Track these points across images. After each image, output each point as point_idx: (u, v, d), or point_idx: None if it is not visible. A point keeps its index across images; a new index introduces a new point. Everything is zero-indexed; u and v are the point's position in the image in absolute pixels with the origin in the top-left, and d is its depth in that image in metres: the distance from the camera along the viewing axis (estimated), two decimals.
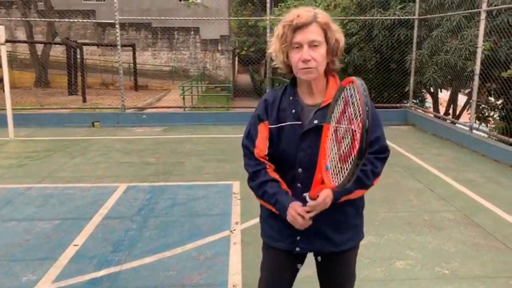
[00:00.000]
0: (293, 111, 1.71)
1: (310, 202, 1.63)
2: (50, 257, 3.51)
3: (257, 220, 4.06)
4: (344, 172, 1.45)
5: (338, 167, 1.50)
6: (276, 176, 1.76)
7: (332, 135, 1.58)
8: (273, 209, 1.74)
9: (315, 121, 1.68)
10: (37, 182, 5.49)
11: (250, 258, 3.48)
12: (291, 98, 1.73)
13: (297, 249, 1.79)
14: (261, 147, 1.75)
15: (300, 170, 1.72)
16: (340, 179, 1.47)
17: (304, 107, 1.72)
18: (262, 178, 1.75)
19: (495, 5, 7.41)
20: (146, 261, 3.47)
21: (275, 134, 1.73)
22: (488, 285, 3.13)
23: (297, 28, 1.59)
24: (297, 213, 1.64)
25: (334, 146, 1.56)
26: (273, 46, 1.69)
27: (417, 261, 3.47)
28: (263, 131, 1.75)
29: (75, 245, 3.73)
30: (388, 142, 1.80)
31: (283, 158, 1.75)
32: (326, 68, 1.69)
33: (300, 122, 1.70)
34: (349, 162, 1.43)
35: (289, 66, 1.69)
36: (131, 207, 4.63)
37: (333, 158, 1.54)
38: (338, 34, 1.67)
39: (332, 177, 1.52)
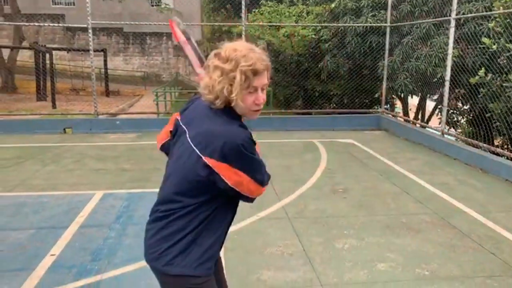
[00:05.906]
0: None
1: None
2: (26, 268, 3.39)
3: (241, 225, 4.07)
4: None
5: None
6: None
7: None
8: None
9: None
10: (8, 191, 5.31)
11: (233, 263, 3.47)
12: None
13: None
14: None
15: None
16: None
17: None
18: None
19: (462, 13, 7.69)
20: (127, 270, 3.39)
21: None
22: (467, 285, 3.22)
23: (257, 73, 1.60)
24: None
25: None
26: (231, 88, 1.60)
27: (398, 263, 3.54)
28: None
29: (52, 255, 3.61)
30: (363, 147, 1.73)
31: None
32: None
33: None
34: None
35: (228, 100, 1.63)
36: (109, 215, 4.53)
37: None
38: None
39: None
